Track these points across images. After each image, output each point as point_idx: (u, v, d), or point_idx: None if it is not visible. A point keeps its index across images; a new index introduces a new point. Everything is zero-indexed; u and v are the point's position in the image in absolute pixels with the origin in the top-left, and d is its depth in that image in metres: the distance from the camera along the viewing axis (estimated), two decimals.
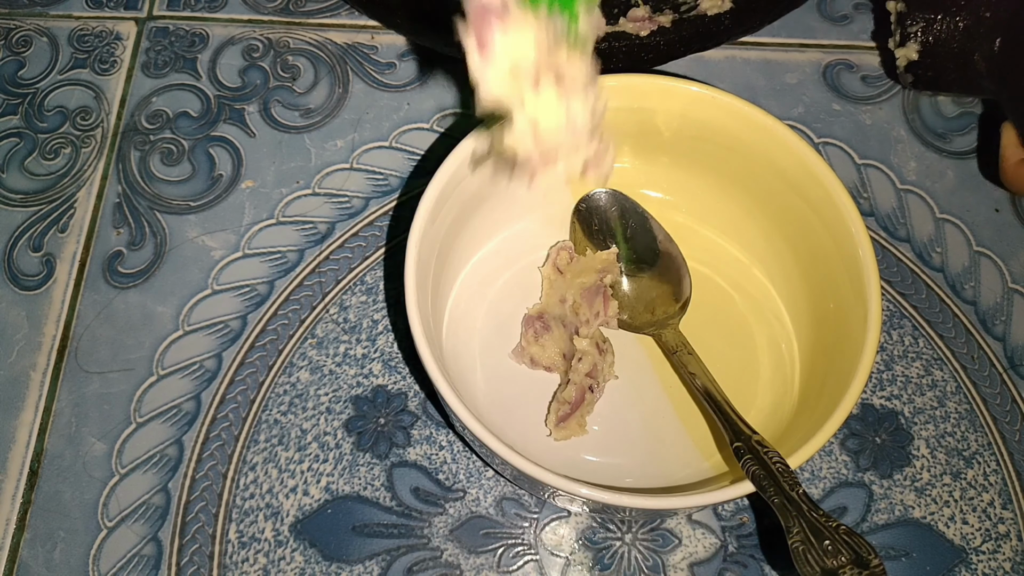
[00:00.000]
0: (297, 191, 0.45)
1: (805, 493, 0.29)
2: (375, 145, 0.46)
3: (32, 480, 0.38)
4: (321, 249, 0.43)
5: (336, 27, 0.49)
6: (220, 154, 0.46)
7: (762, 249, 0.40)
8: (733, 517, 0.38)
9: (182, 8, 0.50)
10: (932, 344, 0.42)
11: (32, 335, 0.41)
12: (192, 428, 0.39)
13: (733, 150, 0.37)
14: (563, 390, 0.37)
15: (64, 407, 0.40)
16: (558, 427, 0.37)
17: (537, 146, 0.31)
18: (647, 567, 0.37)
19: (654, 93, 0.37)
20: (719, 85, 0.39)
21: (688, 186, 0.40)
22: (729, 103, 0.36)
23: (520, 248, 0.41)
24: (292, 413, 0.40)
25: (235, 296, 0.42)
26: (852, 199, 0.34)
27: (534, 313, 0.39)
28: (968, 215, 0.45)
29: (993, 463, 0.39)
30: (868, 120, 0.47)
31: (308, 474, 0.39)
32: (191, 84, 0.48)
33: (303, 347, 0.41)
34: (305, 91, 0.47)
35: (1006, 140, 0.42)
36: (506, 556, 0.37)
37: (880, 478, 0.39)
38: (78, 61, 0.48)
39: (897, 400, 0.40)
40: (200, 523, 0.38)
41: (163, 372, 0.40)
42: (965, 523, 0.38)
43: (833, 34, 0.50)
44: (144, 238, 0.43)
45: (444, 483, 0.39)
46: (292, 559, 0.37)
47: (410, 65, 0.48)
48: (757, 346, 0.39)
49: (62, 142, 0.46)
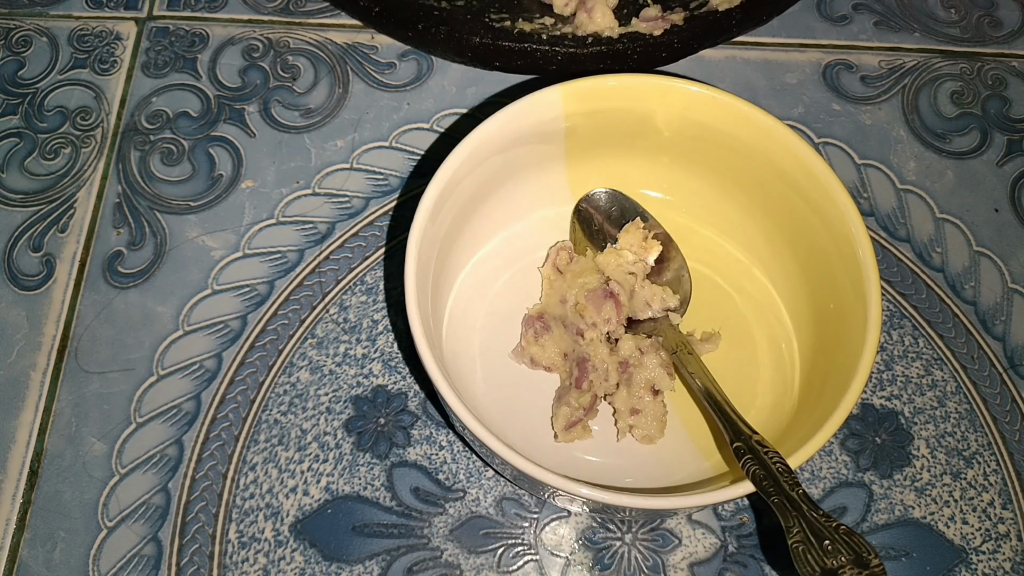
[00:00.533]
0: (297, 191, 0.45)
1: (805, 493, 0.29)
2: (375, 145, 0.46)
3: (32, 480, 0.38)
4: (321, 249, 0.43)
5: (336, 27, 0.49)
6: (220, 154, 0.46)
7: (762, 249, 0.40)
8: (733, 517, 0.38)
9: (182, 8, 0.50)
10: (932, 344, 0.42)
11: (32, 335, 0.41)
12: (192, 428, 0.39)
13: (733, 150, 0.37)
14: (579, 395, 0.37)
15: (64, 407, 0.40)
16: (567, 431, 0.37)
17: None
18: (647, 567, 0.37)
19: (654, 93, 0.37)
20: (719, 85, 0.39)
21: (688, 186, 0.40)
22: (729, 103, 0.36)
23: (520, 248, 0.41)
24: (292, 413, 0.40)
25: (235, 296, 0.42)
26: (852, 199, 0.34)
27: (534, 313, 0.39)
28: (968, 215, 0.45)
29: (993, 463, 0.39)
30: (868, 120, 0.47)
31: (308, 474, 0.39)
32: (191, 84, 0.48)
33: (303, 347, 0.41)
34: (305, 91, 0.47)
35: None
36: (506, 556, 0.37)
37: (880, 478, 0.39)
38: (78, 61, 0.48)
39: (897, 400, 0.40)
40: (200, 523, 0.38)
41: (163, 372, 0.40)
42: (965, 523, 0.38)
43: (833, 34, 0.50)
44: (144, 238, 0.43)
45: (444, 483, 0.39)
46: (292, 559, 0.37)
47: (410, 65, 0.48)
48: (757, 346, 0.39)
49: (62, 142, 0.46)
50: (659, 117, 0.38)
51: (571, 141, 0.38)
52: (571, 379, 0.37)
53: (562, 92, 0.36)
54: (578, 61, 0.45)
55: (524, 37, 0.45)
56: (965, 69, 0.49)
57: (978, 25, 0.51)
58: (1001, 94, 0.48)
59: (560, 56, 0.45)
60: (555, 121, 0.37)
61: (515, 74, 0.48)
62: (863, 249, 0.34)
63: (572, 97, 0.36)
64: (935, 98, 0.48)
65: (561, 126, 0.37)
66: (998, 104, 0.48)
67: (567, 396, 0.37)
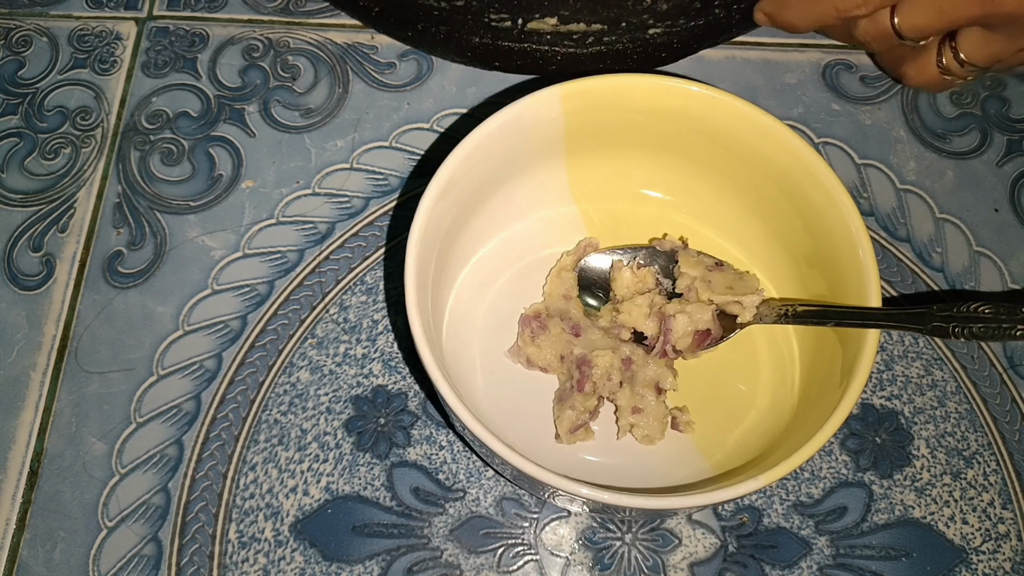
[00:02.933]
0: (297, 191, 0.45)
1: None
2: (375, 145, 0.46)
3: (32, 480, 0.38)
4: (321, 249, 0.43)
5: (336, 27, 0.49)
6: (220, 154, 0.46)
7: (762, 249, 0.40)
8: (733, 517, 0.38)
9: (182, 8, 0.50)
10: (932, 344, 0.42)
11: (32, 335, 0.41)
12: (192, 428, 0.39)
13: (733, 150, 0.37)
14: (584, 399, 0.37)
15: (64, 407, 0.40)
16: (571, 434, 0.37)
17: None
18: (647, 567, 0.37)
19: (654, 93, 0.37)
20: (719, 85, 0.39)
21: (688, 186, 0.40)
22: (729, 103, 0.36)
23: (520, 248, 0.41)
24: (292, 413, 0.40)
25: (235, 296, 0.42)
26: (852, 199, 0.34)
27: (531, 313, 0.39)
28: (968, 215, 0.45)
29: (993, 463, 0.39)
30: (868, 120, 0.47)
31: (308, 474, 0.39)
32: (191, 84, 0.48)
33: (303, 347, 0.41)
34: (305, 91, 0.47)
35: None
36: (506, 556, 0.37)
37: (880, 478, 0.39)
38: (78, 61, 0.48)
39: (897, 400, 0.40)
40: (200, 523, 0.38)
41: (163, 372, 0.40)
42: (965, 523, 0.38)
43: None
44: (144, 238, 0.43)
45: (444, 483, 0.39)
46: (292, 559, 0.37)
47: (410, 65, 0.48)
48: (757, 346, 0.39)
49: (62, 142, 0.46)
50: (659, 117, 0.38)
51: (571, 141, 0.38)
52: (572, 381, 0.37)
53: (562, 92, 0.36)
54: (578, 61, 0.45)
55: (524, 37, 0.45)
56: None
57: None
58: (1001, 94, 0.48)
59: (560, 56, 0.45)
60: (555, 121, 0.37)
61: (515, 74, 0.48)
62: (863, 249, 0.34)
63: (572, 97, 0.36)
64: (935, 98, 0.48)
65: (561, 126, 0.37)
66: (998, 104, 0.48)
67: (570, 399, 0.37)
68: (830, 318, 0.34)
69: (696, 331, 0.37)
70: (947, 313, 0.31)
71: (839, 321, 0.34)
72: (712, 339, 0.37)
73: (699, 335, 0.37)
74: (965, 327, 0.30)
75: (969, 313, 0.30)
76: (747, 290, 0.37)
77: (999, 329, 0.30)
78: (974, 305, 0.31)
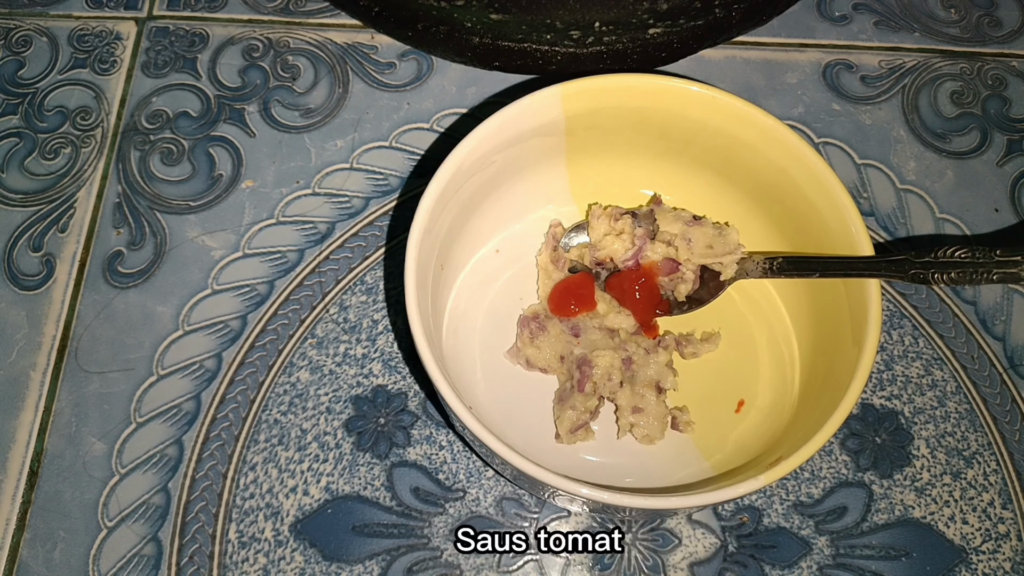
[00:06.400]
0: (297, 191, 0.45)
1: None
2: (375, 145, 0.46)
3: (32, 480, 0.38)
4: (321, 249, 0.43)
5: (336, 27, 0.49)
6: (220, 154, 0.46)
7: (762, 249, 0.40)
8: (733, 517, 0.38)
9: (182, 8, 0.50)
10: (932, 344, 0.42)
11: (32, 335, 0.41)
12: (192, 428, 0.39)
13: (733, 150, 0.37)
14: (584, 399, 0.37)
15: (64, 407, 0.40)
16: (571, 434, 0.37)
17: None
18: (647, 567, 0.37)
19: (654, 93, 0.37)
20: (719, 85, 0.39)
21: (688, 186, 0.40)
22: (729, 103, 0.36)
23: (520, 248, 0.41)
24: (292, 413, 0.40)
25: (235, 296, 0.42)
26: (852, 199, 0.34)
27: (529, 314, 0.39)
28: (968, 215, 0.45)
29: (993, 463, 0.39)
30: (868, 120, 0.47)
31: (308, 474, 0.39)
32: (191, 84, 0.48)
33: (303, 347, 0.41)
34: (305, 91, 0.47)
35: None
36: (506, 556, 0.37)
37: (880, 478, 0.39)
38: (78, 61, 0.48)
39: (897, 400, 0.40)
40: (200, 523, 0.38)
41: (163, 372, 0.40)
42: (965, 523, 0.38)
43: (833, 34, 0.50)
44: (144, 238, 0.43)
45: (444, 483, 0.39)
46: (292, 559, 0.37)
47: (410, 65, 0.48)
48: (757, 346, 0.39)
49: (62, 142, 0.46)
50: (659, 117, 0.38)
51: (571, 141, 0.38)
52: (572, 381, 0.37)
53: (562, 92, 0.36)
54: (578, 61, 0.45)
55: (524, 37, 0.45)
56: (965, 69, 0.49)
57: (978, 25, 0.51)
58: (1001, 94, 0.48)
59: (560, 56, 0.45)
60: (555, 121, 0.37)
61: (515, 74, 0.48)
62: (863, 249, 0.34)
63: (572, 97, 0.36)
64: (935, 98, 0.48)
65: (561, 126, 0.37)
66: (998, 104, 0.48)
67: (571, 399, 0.37)
68: (814, 269, 0.35)
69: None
70: (926, 259, 0.31)
71: (823, 272, 0.34)
72: (696, 300, 0.38)
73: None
74: (944, 273, 0.31)
75: (947, 259, 0.31)
76: (727, 246, 0.38)
77: (976, 273, 0.30)
78: (951, 249, 0.31)
